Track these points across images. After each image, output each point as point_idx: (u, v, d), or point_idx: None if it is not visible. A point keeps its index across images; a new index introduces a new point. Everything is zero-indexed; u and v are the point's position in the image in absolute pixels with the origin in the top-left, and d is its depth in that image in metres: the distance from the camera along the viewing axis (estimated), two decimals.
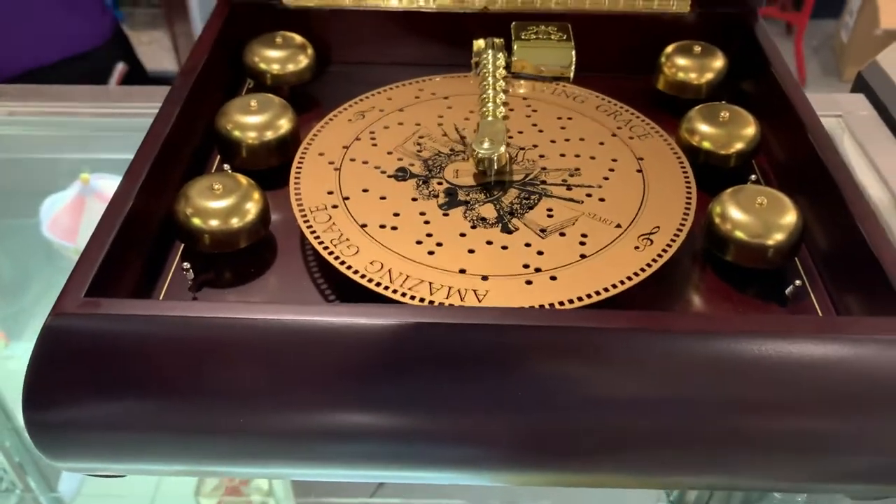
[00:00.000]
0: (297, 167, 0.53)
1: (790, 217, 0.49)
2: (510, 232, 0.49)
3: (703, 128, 0.57)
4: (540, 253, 0.47)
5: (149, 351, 0.41)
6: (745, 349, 0.41)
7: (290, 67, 0.64)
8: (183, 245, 0.52)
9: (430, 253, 0.47)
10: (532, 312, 0.42)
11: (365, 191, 0.51)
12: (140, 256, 0.49)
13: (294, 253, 0.52)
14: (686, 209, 0.50)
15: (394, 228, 0.49)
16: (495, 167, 0.52)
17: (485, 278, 0.46)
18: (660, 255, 0.47)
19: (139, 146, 0.52)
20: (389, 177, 0.53)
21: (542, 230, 0.49)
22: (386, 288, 0.45)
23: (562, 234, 0.48)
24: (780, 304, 0.49)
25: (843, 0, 2.53)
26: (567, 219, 0.50)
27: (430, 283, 0.45)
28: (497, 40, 0.64)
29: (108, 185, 0.83)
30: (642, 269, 0.46)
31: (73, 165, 0.85)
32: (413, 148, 0.55)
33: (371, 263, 0.46)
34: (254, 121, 0.57)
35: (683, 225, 0.49)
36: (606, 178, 0.53)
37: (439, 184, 0.52)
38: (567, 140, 0.57)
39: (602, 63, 0.66)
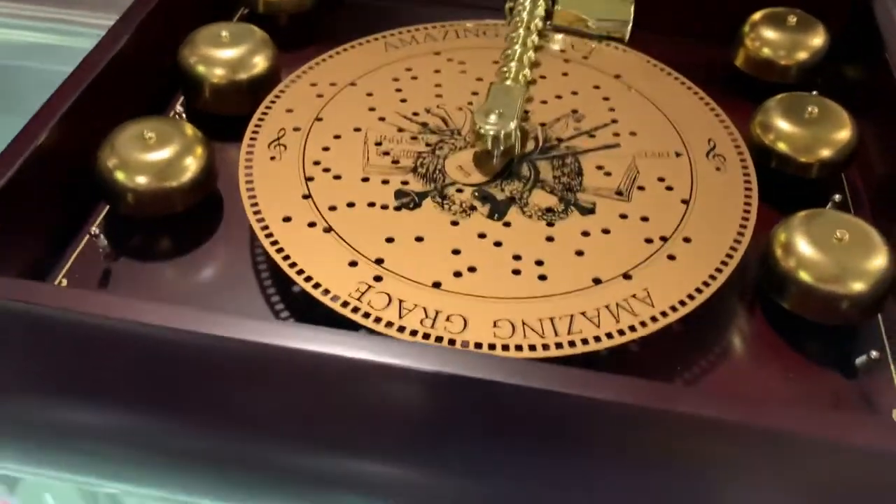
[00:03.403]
0: (282, 252, 0.37)
1: (878, 261, 0.37)
2: (592, 211, 0.40)
3: (782, 124, 0.44)
4: (644, 219, 0.39)
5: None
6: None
7: None
8: (108, 206, 0.42)
9: (542, 277, 0.36)
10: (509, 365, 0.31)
11: (390, 240, 0.38)
12: (48, 212, 0.40)
13: (240, 221, 0.43)
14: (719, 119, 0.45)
15: (472, 269, 0.37)
16: (501, 147, 0.41)
17: (627, 276, 0.36)
18: (745, 170, 0.42)
19: (70, 72, 0.43)
20: (398, 209, 0.39)
21: (619, 192, 0.41)
22: (558, 346, 0.33)
23: (641, 189, 0.41)
24: (847, 375, 0.37)
25: None
26: (626, 168, 0.42)
27: (600, 312, 0.35)
28: None
29: None
30: (748, 185, 0.41)
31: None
32: (384, 161, 0.42)
33: (496, 325, 0.34)
34: (224, 55, 0.47)
35: (740, 148, 0.44)
36: (612, 110, 0.46)
37: (459, 191, 0.41)
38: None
39: (667, 24, 0.53)
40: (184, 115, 0.44)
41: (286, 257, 0.36)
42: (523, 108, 0.43)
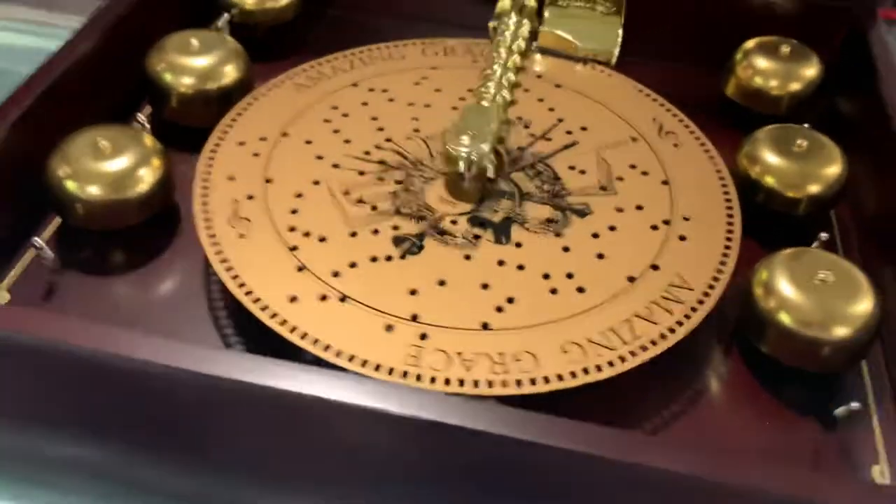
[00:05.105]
0: (305, 337, 0.33)
1: (863, 305, 0.34)
2: (589, 212, 0.39)
3: (770, 157, 0.42)
4: (640, 207, 0.40)
5: None
6: None
7: (269, 3, 0.52)
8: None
9: (580, 290, 0.35)
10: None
11: (413, 292, 0.35)
12: None
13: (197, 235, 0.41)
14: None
15: (510, 300, 0.35)
16: (474, 169, 0.39)
17: (655, 267, 0.37)
18: (699, 140, 0.44)
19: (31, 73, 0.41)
20: (403, 257, 0.37)
21: (603, 188, 0.41)
22: (633, 354, 0.33)
23: (620, 179, 0.41)
24: (826, 426, 0.35)
25: None
26: (597, 163, 0.42)
27: (651, 308, 0.35)
28: (529, 2, 0.50)
29: None
30: (708, 153, 0.43)
31: None
32: (363, 210, 0.38)
33: (565, 351, 0.33)
34: (193, 63, 0.45)
35: (684, 121, 0.45)
36: (552, 110, 0.45)
37: (454, 222, 0.38)
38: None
39: (659, 50, 0.51)
40: (146, 125, 0.43)
41: (315, 341, 0.32)
42: (500, 130, 0.41)
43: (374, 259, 0.36)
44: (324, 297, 0.34)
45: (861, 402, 0.35)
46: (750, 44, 0.49)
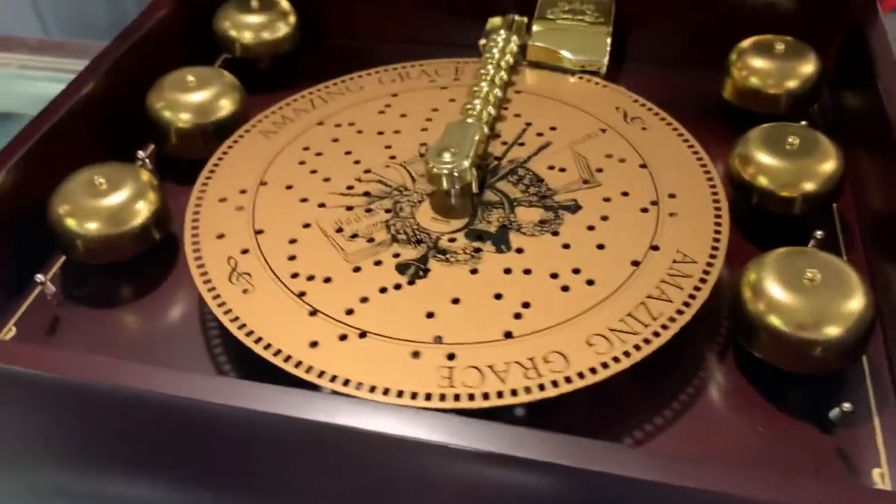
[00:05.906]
0: (335, 380, 0.32)
1: (854, 303, 0.33)
2: (579, 207, 0.40)
3: (762, 157, 0.41)
4: (625, 194, 0.40)
5: None
6: None
7: (266, 36, 0.53)
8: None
9: (590, 282, 0.36)
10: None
11: (430, 315, 0.35)
12: (6, 259, 0.40)
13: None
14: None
15: (526, 306, 0.35)
16: (457, 185, 0.40)
17: (655, 247, 0.37)
18: (664, 120, 0.45)
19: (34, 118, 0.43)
20: (412, 283, 0.36)
21: (586, 181, 0.41)
22: (656, 334, 0.33)
23: (600, 171, 0.42)
24: (824, 429, 0.34)
25: None
26: (574, 158, 0.43)
27: (662, 287, 0.35)
28: (519, 18, 0.51)
29: None
30: (677, 130, 0.44)
31: None
32: (359, 244, 0.38)
33: (590, 344, 0.33)
34: (190, 99, 0.46)
35: (647, 105, 0.46)
36: (518, 115, 0.46)
37: (452, 240, 0.38)
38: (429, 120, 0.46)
39: (656, 55, 0.51)
40: (146, 161, 0.44)
41: (346, 381, 0.32)
42: (484, 145, 0.42)
43: (383, 290, 0.36)
44: (343, 337, 0.34)
45: (862, 402, 0.35)
46: (745, 44, 0.49)
